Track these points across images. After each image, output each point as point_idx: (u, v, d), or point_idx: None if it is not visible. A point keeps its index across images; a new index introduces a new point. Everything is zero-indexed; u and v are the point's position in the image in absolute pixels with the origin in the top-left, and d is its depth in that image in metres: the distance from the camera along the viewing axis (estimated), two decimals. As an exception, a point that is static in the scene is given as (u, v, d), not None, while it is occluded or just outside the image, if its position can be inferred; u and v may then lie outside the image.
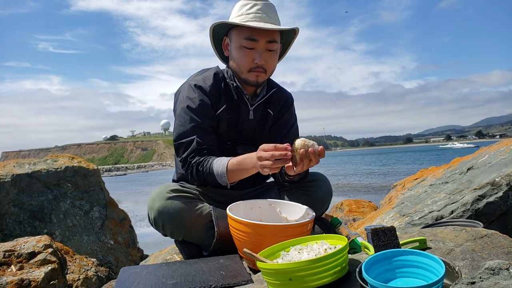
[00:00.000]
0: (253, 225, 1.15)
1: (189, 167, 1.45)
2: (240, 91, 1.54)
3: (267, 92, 1.61)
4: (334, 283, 0.88)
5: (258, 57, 1.44)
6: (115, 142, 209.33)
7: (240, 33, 1.44)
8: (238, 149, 1.59)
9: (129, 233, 3.10)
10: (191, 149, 1.44)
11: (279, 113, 1.66)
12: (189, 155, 1.45)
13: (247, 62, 1.45)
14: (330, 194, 1.55)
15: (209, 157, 1.43)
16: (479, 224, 1.45)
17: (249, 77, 1.48)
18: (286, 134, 1.63)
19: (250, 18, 1.42)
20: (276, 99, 1.65)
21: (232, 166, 1.37)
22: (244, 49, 1.44)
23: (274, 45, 1.46)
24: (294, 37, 1.56)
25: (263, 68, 1.46)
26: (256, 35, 1.41)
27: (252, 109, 1.58)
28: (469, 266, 0.94)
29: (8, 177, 2.72)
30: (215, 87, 1.51)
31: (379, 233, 1.01)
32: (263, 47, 1.44)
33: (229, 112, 1.54)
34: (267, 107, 1.63)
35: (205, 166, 1.41)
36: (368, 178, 17.51)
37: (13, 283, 1.32)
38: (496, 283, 0.69)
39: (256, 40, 1.42)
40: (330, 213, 3.66)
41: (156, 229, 1.40)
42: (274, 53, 1.48)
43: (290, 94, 1.73)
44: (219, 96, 1.53)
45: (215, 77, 1.53)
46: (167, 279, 1.10)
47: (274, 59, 1.50)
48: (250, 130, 1.61)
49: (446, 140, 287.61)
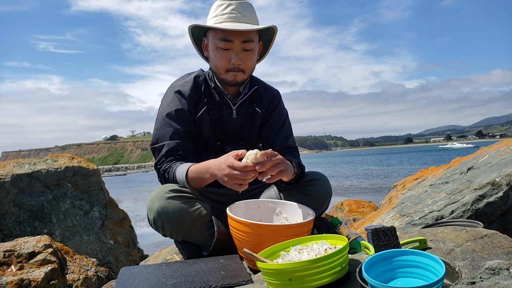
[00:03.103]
0: (253, 225, 1.15)
1: (158, 175, 1.49)
2: (221, 91, 1.56)
3: (249, 90, 1.62)
4: (334, 283, 0.88)
5: (234, 58, 1.45)
6: (115, 142, 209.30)
7: (215, 34, 1.45)
8: (227, 148, 1.60)
9: (129, 233, 3.10)
10: (160, 155, 1.47)
11: (267, 111, 1.67)
12: (158, 162, 1.48)
13: (224, 63, 1.47)
14: (330, 194, 1.55)
15: (175, 164, 1.44)
16: (479, 224, 1.45)
17: (227, 77, 1.50)
18: (278, 132, 1.64)
19: (224, 18, 1.44)
20: (261, 97, 1.66)
21: (191, 173, 1.37)
22: (220, 50, 1.46)
23: (250, 45, 1.47)
24: (273, 34, 1.57)
25: (240, 68, 1.48)
26: (230, 35, 1.43)
27: (235, 108, 1.59)
28: (469, 266, 0.94)
29: (8, 177, 2.72)
30: (194, 90, 1.54)
31: (379, 233, 1.01)
32: (239, 47, 1.45)
33: (212, 113, 1.56)
34: (254, 105, 1.64)
35: (170, 173, 1.43)
36: (368, 178, 17.52)
37: (13, 283, 1.32)
38: (496, 283, 0.69)
39: (231, 41, 1.43)
40: (330, 213, 3.66)
41: (156, 230, 1.40)
42: (251, 52, 1.49)
43: (277, 91, 1.73)
44: (199, 99, 1.55)
45: (195, 80, 1.56)
46: (167, 279, 1.09)
47: (251, 58, 1.51)
48: (237, 129, 1.62)
49: (446, 140, 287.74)
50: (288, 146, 1.62)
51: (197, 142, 1.60)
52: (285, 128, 1.67)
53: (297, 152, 1.65)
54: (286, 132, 1.66)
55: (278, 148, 1.60)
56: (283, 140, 1.63)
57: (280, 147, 1.60)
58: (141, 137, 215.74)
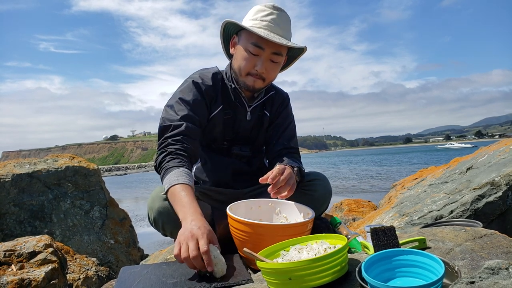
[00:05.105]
0: (253, 224, 1.15)
1: (164, 148, 1.37)
2: (238, 93, 1.55)
3: (265, 94, 1.63)
4: (334, 282, 0.89)
5: (260, 65, 1.44)
6: (115, 142, 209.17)
7: (249, 37, 1.44)
8: (234, 149, 1.60)
9: (129, 233, 3.10)
10: (178, 131, 1.38)
11: (275, 113, 1.68)
12: (174, 136, 1.38)
13: (248, 66, 1.46)
14: (330, 194, 1.56)
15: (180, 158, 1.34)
16: (478, 223, 1.46)
17: (246, 81, 1.49)
18: (282, 133, 1.65)
19: (263, 25, 1.43)
20: (272, 101, 1.67)
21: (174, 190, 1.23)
22: (249, 53, 1.45)
23: (279, 58, 1.47)
24: (301, 54, 1.57)
25: (261, 76, 1.47)
26: (263, 43, 1.42)
27: (250, 110, 1.59)
28: (468, 265, 0.94)
29: (9, 177, 2.72)
30: (212, 87, 1.52)
31: (379, 232, 1.01)
32: (268, 57, 1.44)
33: (226, 113, 1.56)
34: (264, 108, 1.65)
35: (169, 163, 1.33)
36: (368, 178, 17.52)
37: (13, 282, 1.32)
38: (495, 282, 0.69)
39: (262, 48, 1.43)
40: (329, 212, 3.66)
41: (156, 229, 1.41)
42: (277, 65, 1.49)
43: (287, 94, 1.75)
44: (216, 96, 1.53)
45: (214, 77, 1.54)
46: (167, 279, 1.10)
47: (275, 70, 1.50)
48: (247, 131, 1.63)
49: (446, 140, 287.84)
50: (289, 147, 1.63)
51: (205, 141, 1.60)
52: (289, 129, 1.68)
53: (298, 154, 1.66)
54: (290, 133, 1.67)
55: (280, 147, 1.61)
56: (286, 140, 1.64)
57: (282, 147, 1.61)
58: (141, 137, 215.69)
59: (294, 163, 1.47)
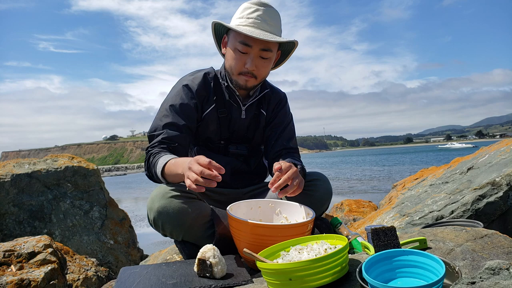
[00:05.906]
0: (253, 225, 1.15)
1: (146, 157, 1.47)
2: (232, 91, 1.56)
3: (260, 93, 1.63)
4: (334, 283, 0.88)
5: (250, 63, 1.45)
6: (115, 142, 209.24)
7: (237, 36, 1.45)
8: (231, 148, 1.60)
9: (129, 233, 3.10)
10: (155, 140, 1.47)
11: (272, 113, 1.68)
12: (152, 145, 1.47)
13: (239, 65, 1.47)
14: (330, 194, 1.55)
15: (164, 153, 1.42)
16: (479, 224, 1.45)
17: (239, 80, 1.50)
18: (281, 133, 1.65)
19: (249, 23, 1.43)
20: (269, 99, 1.67)
21: (170, 165, 1.34)
22: (238, 52, 1.45)
23: (268, 54, 1.47)
24: (293, 47, 1.57)
25: (253, 74, 1.48)
26: (251, 41, 1.42)
27: (245, 109, 1.60)
28: (469, 266, 0.94)
29: (8, 177, 2.72)
30: (203, 87, 1.54)
31: (379, 233, 1.01)
32: (257, 54, 1.45)
33: (220, 112, 1.56)
34: (260, 107, 1.64)
35: (154, 158, 1.41)
36: (368, 178, 17.52)
37: (13, 283, 1.32)
38: (496, 283, 0.69)
39: (250, 46, 1.43)
40: (330, 213, 3.66)
41: (156, 230, 1.40)
42: (267, 61, 1.49)
43: (284, 94, 1.74)
44: (208, 96, 1.55)
45: (205, 77, 1.56)
46: (167, 279, 1.09)
47: (266, 67, 1.50)
48: (243, 130, 1.63)
49: (446, 140, 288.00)
50: (289, 147, 1.63)
51: (201, 140, 1.60)
52: (288, 129, 1.68)
53: (298, 154, 1.66)
54: (289, 134, 1.67)
55: (279, 148, 1.61)
56: (285, 141, 1.64)
57: (281, 147, 1.61)
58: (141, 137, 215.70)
59: (297, 162, 1.47)
